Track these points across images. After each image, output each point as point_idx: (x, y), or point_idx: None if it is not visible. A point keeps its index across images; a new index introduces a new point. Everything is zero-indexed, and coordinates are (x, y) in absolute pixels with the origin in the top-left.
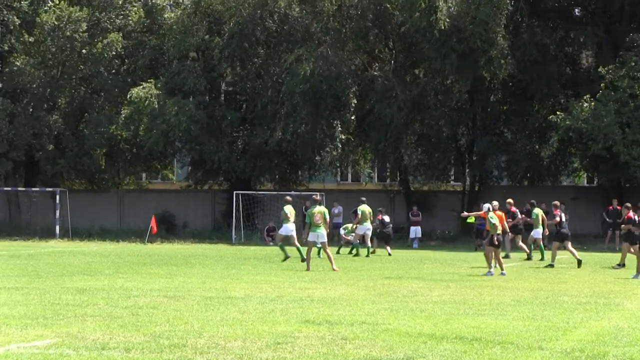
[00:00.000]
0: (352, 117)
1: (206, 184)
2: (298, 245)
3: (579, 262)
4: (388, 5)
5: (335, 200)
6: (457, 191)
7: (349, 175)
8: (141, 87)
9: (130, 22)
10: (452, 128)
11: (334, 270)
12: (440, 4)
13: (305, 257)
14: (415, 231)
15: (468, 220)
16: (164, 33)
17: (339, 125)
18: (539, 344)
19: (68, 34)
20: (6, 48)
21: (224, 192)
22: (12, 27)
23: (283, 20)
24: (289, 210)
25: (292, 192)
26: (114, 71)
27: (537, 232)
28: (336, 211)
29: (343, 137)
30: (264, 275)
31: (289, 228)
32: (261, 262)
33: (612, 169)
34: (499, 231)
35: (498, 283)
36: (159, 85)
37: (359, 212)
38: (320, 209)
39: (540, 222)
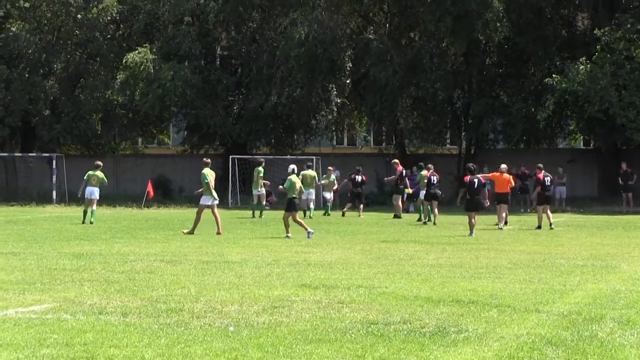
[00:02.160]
0: (348, 81)
1: (202, 149)
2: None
3: (539, 227)
4: None
5: (332, 164)
6: (453, 154)
7: (345, 139)
8: (136, 52)
9: None
10: (447, 91)
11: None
12: None
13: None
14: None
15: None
16: None
17: (334, 89)
18: (535, 306)
19: None
20: (1, 14)
21: (219, 157)
22: None
23: None
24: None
25: (288, 156)
26: (109, 36)
27: (422, 194)
28: (333, 176)
29: (338, 100)
30: (261, 240)
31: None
32: (257, 226)
33: (609, 131)
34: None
35: (494, 246)
36: (154, 50)
37: (301, 177)
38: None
39: (425, 183)
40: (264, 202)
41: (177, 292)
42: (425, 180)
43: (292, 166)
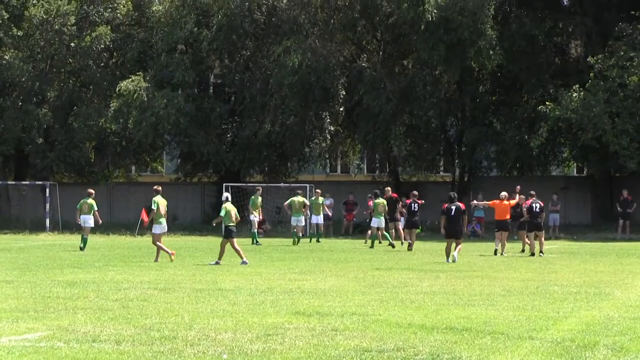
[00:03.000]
0: (341, 109)
1: (195, 177)
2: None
3: (532, 254)
4: None
5: (326, 192)
6: (447, 182)
7: (338, 167)
8: (130, 80)
9: (119, 15)
10: (441, 119)
11: None
12: None
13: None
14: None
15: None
16: (152, 26)
17: (328, 117)
18: (529, 333)
19: (57, 27)
20: None
21: (213, 185)
22: (0, 21)
23: (271, 12)
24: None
25: (282, 184)
26: (102, 64)
27: (375, 221)
28: (327, 202)
29: (332, 128)
30: (254, 267)
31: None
32: (251, 254)
33: (602, 158)
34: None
35: (488, 273)
36: (148, 78)
37: (289, 203)
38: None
39: (381, 211)
40: (257, 229)
41: (171, 319)
42: (403, 208)
43: (226, 194)
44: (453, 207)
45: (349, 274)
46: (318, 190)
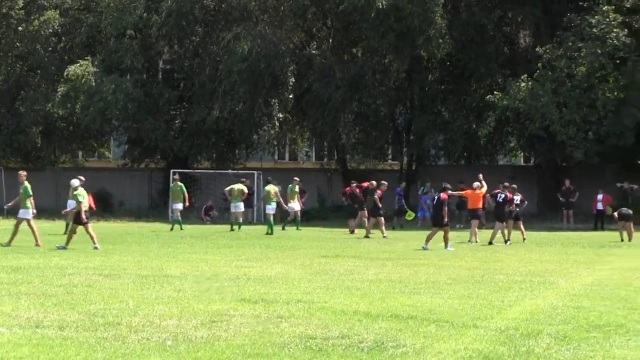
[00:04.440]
0: (290, 96)
1: (143, 162)
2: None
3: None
4: None
5: (274, 179)
6: (395, 170)
7: (287, 154)
8: (78, 64)
9: None
10: (389, 107)
11: None
12: None
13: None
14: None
15: (407, 217)
16: (102, 11)
17: (277, 104)
18: (474, 322)
19: (4, 11)
20: None
21: (160, 171)
22: None
23: None
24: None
25: (230, 171)
26: (50, 49)
27: (269, 208)
28: (298, 187)
29: (281, 115)
30: (201, 254)
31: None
32: (198, 240)
33: (549, 148)
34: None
35: (434, 262)
36: (96, 63)
37: (229, 190)
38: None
39: (272, 198)
40: (206, 217)
41: (115, 306)
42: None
43: (76, 180)
44: (436, 197)
45: (295, 261)
46: (296, 178)
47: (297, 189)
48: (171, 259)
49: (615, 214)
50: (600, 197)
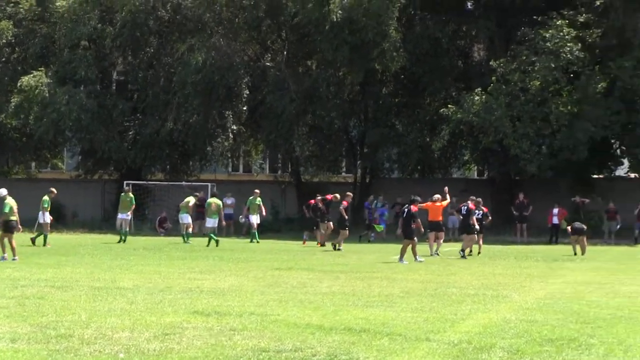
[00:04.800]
0: (244, 108)
1: (96, 174)
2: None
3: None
4: None
5: (228, 191)
6: (348, 183)
7: (241, 166)
8: (32, 75)
9: (21, 10)
10: (343, 120)
11: None
12: None
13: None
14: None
15: (377, 229)
16: (56, 21)
17: (231, 116)
18: (426, 335)
19: None
20: None
21: (114, 182)
22: None
23: (176, 10)
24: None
25: (184, 183)
26: (4, 59)
27: (209, 221)
28: (228, 202)
29: (235, 127)
30: (153, 266)
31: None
32: (151, 252)
33: (503, 162)
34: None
35: (388, 275)
36: (50, 74)
37: (206, 205)
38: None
39: (213, 211)
40: (160, 229)
41: (68, 318)
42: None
43: (3, 191)
44: (405, 210)
45: (248, 273)
46: (257, 190)
47: (257, 201)
48: (124, 271)
49: (569, 228)
50: (555, 211)
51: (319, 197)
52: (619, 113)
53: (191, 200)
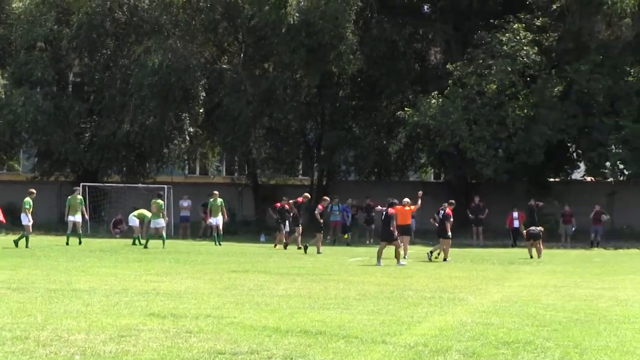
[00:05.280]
0: (201, 110)
1: (53, 176)
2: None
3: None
4: None
5: (185, 193)
6: (305, 185)
7: (197, 168)
8: None
9: None
10: (300, 122)
11: None
12: None
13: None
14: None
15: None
16: (11, 23)
17: (188, 118)
18: (382, 338)
19: None
20: None
21: (70, 184)
22: None
23: (132, 12)
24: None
25: (140, 185)
26: None
27: (156, 222)
28: (185, 204)
29: (191, 130)
30: (110, 268)
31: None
32: (107, 254)
33: (459, 165)
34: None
35: (344, 277)
36: (6, 76)
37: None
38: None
39: (155, 212)
40: (115, 231)
41: (23, 320)
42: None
43: None
44: (384, 212)
45: (205, 276)
46: (216, 192)
47: (218, 202)
48: (80, 273)
49: (524, 232)
50: (515, 214)
51: (286, 200)
52: (575, 117)
53: (159, 202)
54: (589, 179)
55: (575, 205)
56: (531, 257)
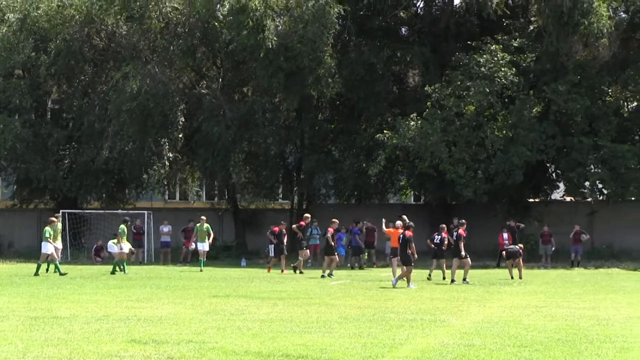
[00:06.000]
0: (180, 135)
1: (32, 203)
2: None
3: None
4: (216, 24)
5: (165, 219)
6: (285, 209)
7: (177, 194)
8: None
9: None
10: (280, 146)
11: None
12: (268, 22)
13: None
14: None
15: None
16: None
17: (167, 144)
18: None
19: None
20: None
21: (50, 211)
22: None
23: (110, 38)
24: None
25: (120, 211)
26: None
27: (111, 247)
28: (165, 230)
29: (171, 155)
30: (90, 295)
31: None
32: (88, 281)
33: (439, 187)
34: None
35: (325, 301)
36: None
37: (119, 231)
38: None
39: (123, 238)
40: (97, 258)
41: (4, 348)
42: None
43: None
44: (401, 235)
45: (186, 301)
46: (203, 217)
47: (205, 227)
48: (61, 300)
49: (504, 252)
50: (505, 235)
51: (284, 224)
52: (554, 137)
53: (121, 227)
54: (568, 199)
55: (555, 225)
56: (512, 277)
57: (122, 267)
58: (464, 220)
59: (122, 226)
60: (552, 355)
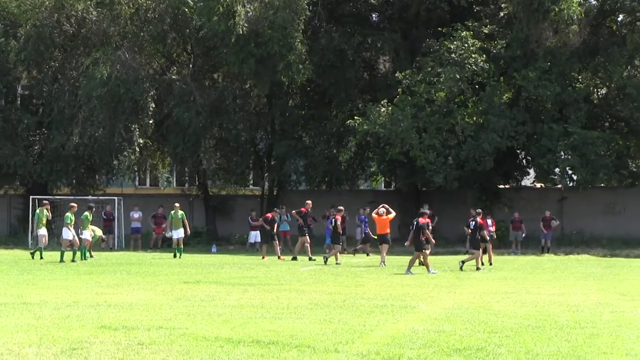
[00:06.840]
0: (151, 121)
1: (2, 189)
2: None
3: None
4: (186, 9)
5: (136, 205)
6: (256, 195)
7: (148, 180)
8: None
9: None
10: (250, 132)
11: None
12: (239, 8)
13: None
14: (255, 235)
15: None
16: None
17: (137, 129)
18: (335, 346)
19: None
20: None
21: (20, 197)
22: None
23: (80, 24)
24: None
25: (90, 197)
26: None
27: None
28: (136, 216)
29: (141, 141)
30: (61, 281)
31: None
32: (58, 267)
33: (409, 173)
34: None
35: (296, 287)
36: None
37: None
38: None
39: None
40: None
41: None
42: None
43: None
44: (415, 222)
45: (156, 287)
46: (177, 204)
47: (179, 215)
48: (31, 286)
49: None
50: (490, 222)
51: (277, 211)
52: (524, 123)
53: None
54: (538, 185)
55: (526, 211)
56: (482, 263)
57: (82, 253)
58: (480, 210)
59: (86, 213)
60: (522, 341)
